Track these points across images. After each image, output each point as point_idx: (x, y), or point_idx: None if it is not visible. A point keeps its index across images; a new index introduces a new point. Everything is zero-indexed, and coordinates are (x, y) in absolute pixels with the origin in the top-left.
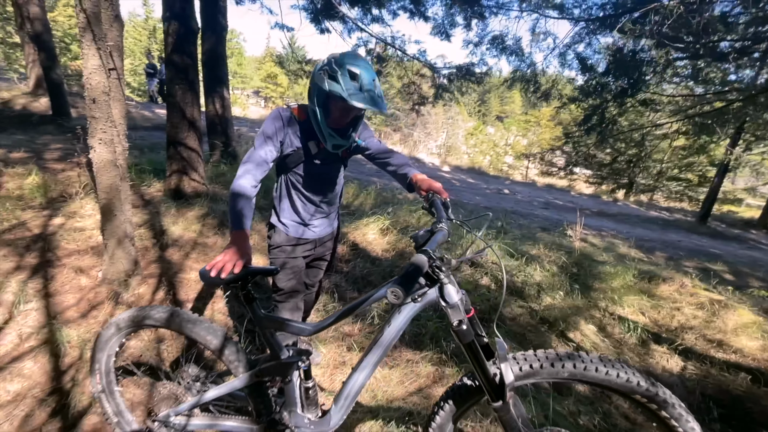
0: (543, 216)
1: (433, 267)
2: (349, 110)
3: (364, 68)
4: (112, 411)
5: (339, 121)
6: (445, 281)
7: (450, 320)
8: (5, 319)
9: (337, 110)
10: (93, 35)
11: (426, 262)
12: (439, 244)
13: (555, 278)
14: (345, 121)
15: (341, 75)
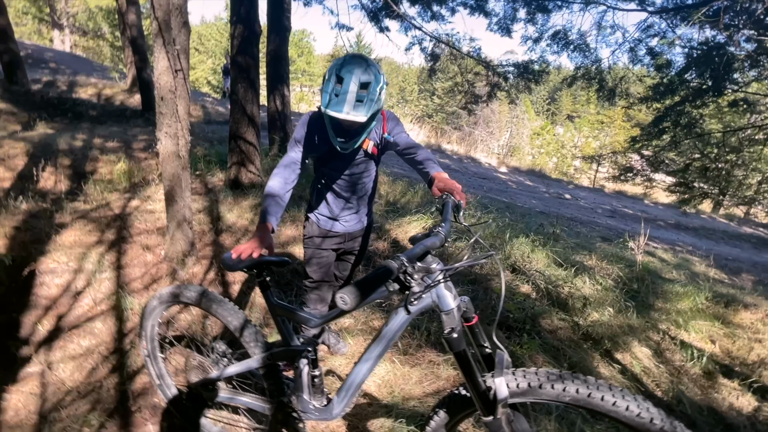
0: (606, 225)
1: (405, 273)
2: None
3: (355, 72)
4: (155, 374)
5: (343, 127)
6: (440, 287)
7: (443, 327)
8: (84, 284)
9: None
10: (163, 40)
11: (394, 268)
12: (426, 248)
13: (607, 293)
14: (347, 127)
15: (330, 80)
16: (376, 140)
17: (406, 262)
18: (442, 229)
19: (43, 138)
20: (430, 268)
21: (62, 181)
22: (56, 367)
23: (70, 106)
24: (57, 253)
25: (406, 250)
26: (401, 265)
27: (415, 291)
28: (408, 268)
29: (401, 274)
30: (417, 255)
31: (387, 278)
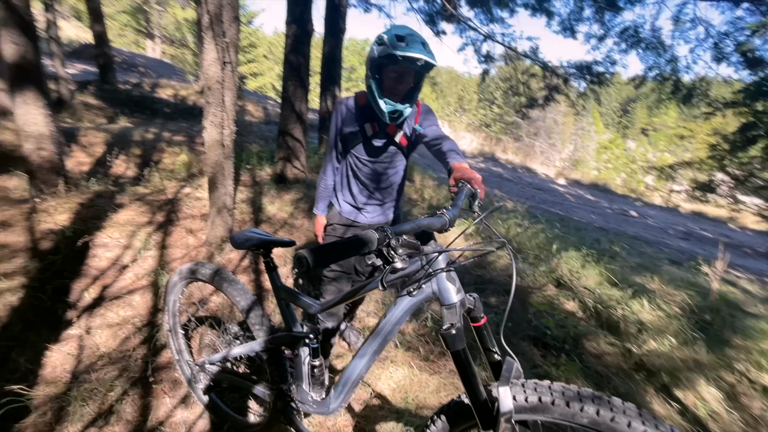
0: (677, 247)
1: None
2: (402, 75)
3: (410, 32)
4: (175, 349)
5: (395, 89)
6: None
7: (443, 322)
8: (130, 260)
9: (390, 79)
10: (213, 32)
11: (374, 238)
12: (420, 226)
13: (671, 321)
14: (401, 89)
15: (388, 39)
16: (407, 131)
17: (391, 234)
18: (448, 212)
19: (122, 130)
20: (422, 248)
21: (131, 168)
22: (94, 333)
23: (149, 104)
24: (111, 229)
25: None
26: (384, 237)
27: (397, 267)
28: (392, 241)
29: (384, 247)
30: (405, 231)
31: (363, 247)
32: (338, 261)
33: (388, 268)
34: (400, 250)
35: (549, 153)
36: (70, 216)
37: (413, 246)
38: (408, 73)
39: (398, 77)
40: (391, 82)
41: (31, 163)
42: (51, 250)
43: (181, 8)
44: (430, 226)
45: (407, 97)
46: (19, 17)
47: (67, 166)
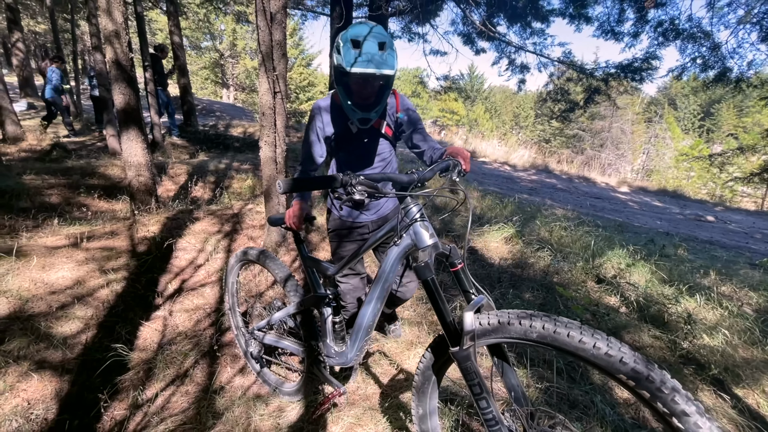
0: (765, 251)
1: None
2: (365, 82)
3: (367, 34)
4: (234, 325)
5: (362, 95)
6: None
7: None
8: (203, 260)
9: (355, 84)
10: (265, 68)
11: (339, 177)
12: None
13: (735, 320)
14: (368, 94)
15: (343, 47)
16: (389, 121)
17: (352, 176)
18: (418, 172)
19: (200, 163)
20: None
21: (206, 192)
22: (175, 315)
23: (222, 140)
24: (189, 237)
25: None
26: (349, 178)
27: (355, 198)
28: (352, 180)
29: (348, 186)
30: (370, 176)
31: (329, 184)
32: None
33: (346, 198)
34: (359, 187)
35: (618, 164)
36: (160, 227)
37: (371, 186)
38: (370, 83)
39: (363, 83)
40: (357, 88)
41: (132, 187)
42: (145, 252)
43: (250, 59)
44: (397, 179)
45: (378, 97)
46: (125, 74)
47: (159, 192)
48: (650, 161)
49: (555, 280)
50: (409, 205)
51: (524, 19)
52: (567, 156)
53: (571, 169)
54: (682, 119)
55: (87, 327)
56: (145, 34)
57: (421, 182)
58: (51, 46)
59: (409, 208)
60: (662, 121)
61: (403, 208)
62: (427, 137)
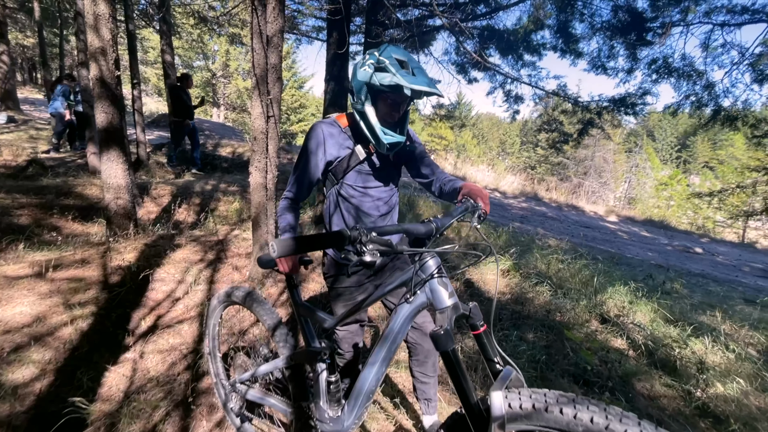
0: (755, 286)
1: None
2: (399, 103)
3: (409, 57)
4: (213, 372)
5: (389, 117)
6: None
7: (435, 325)
8: (183, 293)
9: (385, 106)
10: (259, 91)
11: (347, 234)
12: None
13: (742, 364)
14: (396, 116)
15: (390, 64)
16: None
17: (363, 231)
18: (436, 220)
19: (186, 183)
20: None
21: (191, 215)
22: (146, 357)
23: (210, 160)
24: (169, 266)
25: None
26: (357, 234)
27: (366, 260)
28: (363, 237)
29: (358, 244)
30: (383, 231)
31: (335, 242)
32: (304, 252)
33: (356, 260)
34: (370, 246)
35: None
36: (137, 255)
37: (384, 243)
38: (405, 101)
39: (394, 104)
40: (386, 109)
41: (109, 210)
42: (118, 283)
43: (242, 79)
44: (413, 230)
45: (399, 123)
46: (110, 92)
47: (139, 214)
48: (632, 190)
49: (558, 318)
50: (425, 258)
51: (516, 51)
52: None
53: (559, 197)
54: (660, 150)
55: (43, 373)
56: (136, 52)
57: (440, 232)
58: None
59: (425, 261)
60: (642, 152)
61: (418, 261)
62: (433, 166)
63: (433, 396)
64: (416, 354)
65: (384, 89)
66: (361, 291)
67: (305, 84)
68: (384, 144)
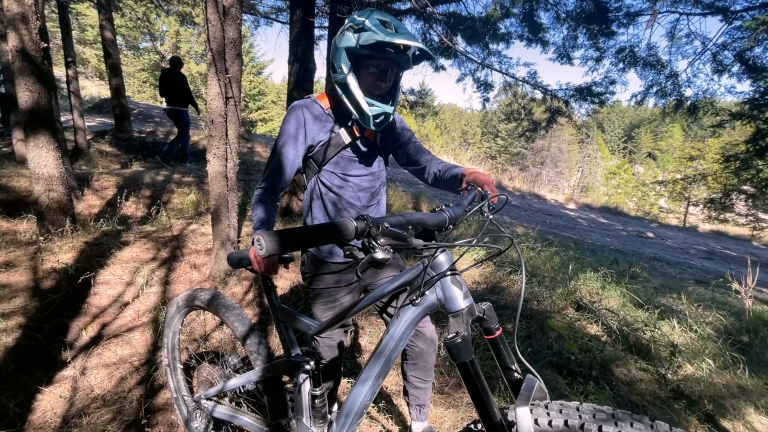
0: (702, 267)
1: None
2: (384, 71)
3: (392, 18)
4: (173, 386)
5: (376, 88)
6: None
7: (448, 331)
8: (132, 297)
9: (370, 76)
10: (216, 69)
11: (351, 227)
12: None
13: (705, 342)
14: (383, 87)
15: (371, 24)
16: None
17: (371, 223)
18: (448, 210)
19: (134, 174)
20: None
21: (140, 209)
22: (89, 373)
23: (160, 149)
24: (114, 267)
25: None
26: (365, 226)
27: (377, 258)
28: (372, 230)
29: (366, 238)
30: (392, 222)
31: (336, 235)
32: (301, 249)
33: (366, 258)
34: (381, 240)
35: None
36: (75, 255)
37: (398, 236)
38: (391, 68)
39: (380, 73)
40: (371, 80)
41: (40, 204)
42: (52, 289)
43: (195, 63)
44: (424, 221)
45: (387, 97)
46: (34, 66)
47: (79, 208)
48: (584, 178)
49: (536, 307)
50: (436, 253)
51: (483, 39)
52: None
53: (522, 186)
54: (609, 141)
55: None
56: (70, 26)
57: (453, 223)
58: None
59: (436, 256)
60: (593, 142)
61: (427, 257)
62: (425, 152)
63: (426, 401)
64: (412, 357)
65: (365, 51)
66: (346, 291)
67: (264, 70)
68: (369, 117)
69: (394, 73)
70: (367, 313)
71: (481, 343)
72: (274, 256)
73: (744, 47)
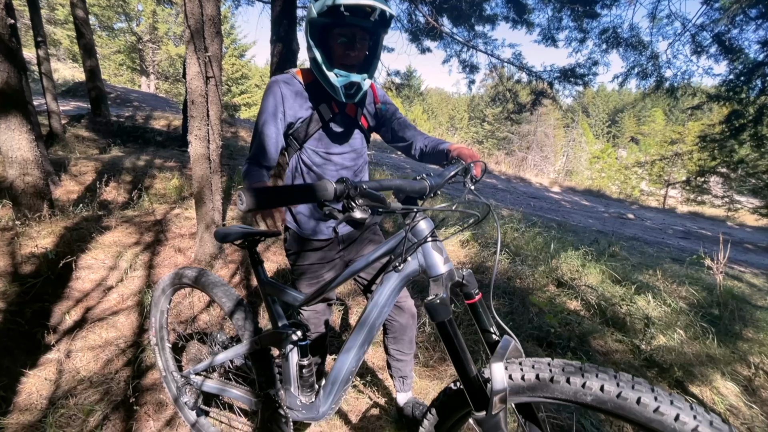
0: (678, 246)
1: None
2: (352, 40)
3: None
4: (162, 365)
5: (346, 59)
6: (428, 247)
7: (429, 293)
8: (116, 281)
9: (338, 46)
10: (195, 46)
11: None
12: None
13: (678, 316)
14: (353, 56)
15: None
16: (368, 113)
17: (351, 184)
18: (429, 179)
19: (113, 159)
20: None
21: (121, 194)
22: (74, 356)
23: (141, 134)
24: (96, 251)
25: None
26: (344, 188)
27: (356, 217)
28: (351, 191)
29: (345, 199)
30: (372, 186)
31: (314, 195)
32: (279, 206)
33: (343, 216)
34: (360, 201)
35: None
36: (54, 240)
37: (377, 198)
38: (360, 35)
39: (349, 42)
40: (340, 50)
41: (15, 189)
42: (31, 274)
43: (174, 45)
44: (405, 187)
45: (364, 67)
46: (1, 44)
47: (56, 194)
48: (569, 162)
49: (518, 284)
50: (417, 220)
51: (468, 20)
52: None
53: (508, 169)
54: (594, 125)
55: None
56: (38, 4)
57: (433, 191)
58: None
59: (417, 223)
60: (578, 127)
61: (409, 224)
62: (410, 127)
63: (409, 373)
64: (392, 331)
65: (325, 20)
66: (329, 268)
67: (246, 52)
68: (337, 88)
69: (366, 42)
70: (355, 293)
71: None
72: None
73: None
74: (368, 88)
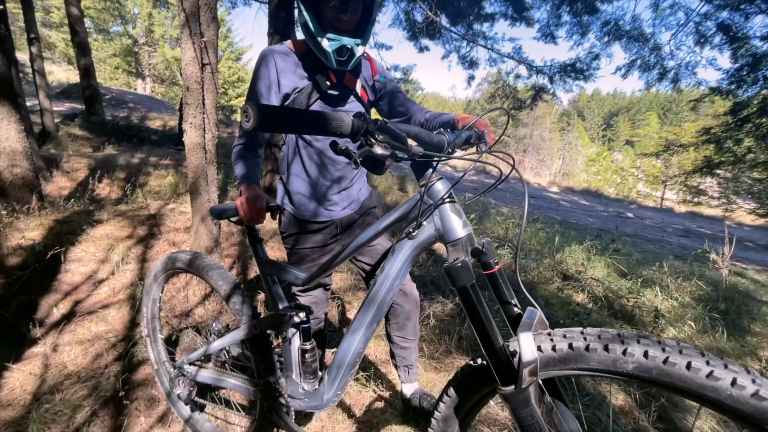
0: (679, 244)
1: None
2: (345, 1)
3: None
4: (154, 358)
5: (339, 23)
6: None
7: (447, 258)
8: (107, 274)
9: (329, 10)
10: (190, 31)
11: (347, 120)
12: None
13: (686, 309)
14: (345, 20)
15: None
16: (366, 84)
17: (370, 119)
18: (448, 134)
19: (106, 156)
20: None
21: (114, 190)
22: (62, 350)
23: (135, 132)
24: (87, 244)
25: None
26: (362, 123)
27: (376, 152)
28: (370, 126)
29: (364, 133)
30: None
31: (328, 125)
32: (288, 131)
33: (364, 150)
34: (381, 136)
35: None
36: (43, 232)
37: (398, 137)
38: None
39: (341, 6)
40: (332, 13)
41: (3, 180)
42: (18, 266)
43: (170, 48)
44: (423, 136)
45: (357, 32)
46: None
47: (48, 189)
48: (565, 165)
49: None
50: (433, 180)
51: (467, 18)
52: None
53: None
54: (589, 129)
55: None
56: (31, 3)
57: (451, 148)
58: None
59: (433, 184)
60: (574, 130)
61: (424, 185)
62: (409, 102)
63: (414, 362)
64: (395, 316)
65: None
66: (326, 253)
67: (243, 55)
68: (329, 53)
69: (359, 4)
70: (355, 288)
71: None
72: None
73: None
74: (362, 55)
